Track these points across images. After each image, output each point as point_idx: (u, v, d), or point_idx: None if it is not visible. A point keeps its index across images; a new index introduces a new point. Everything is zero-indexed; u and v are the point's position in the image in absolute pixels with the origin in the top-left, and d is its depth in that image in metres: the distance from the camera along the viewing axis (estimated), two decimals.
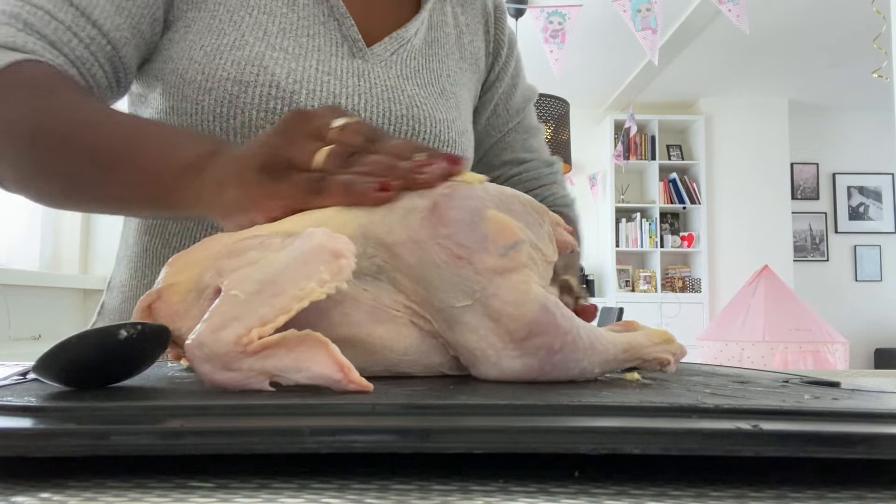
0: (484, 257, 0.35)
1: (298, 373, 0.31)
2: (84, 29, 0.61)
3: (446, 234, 0.36)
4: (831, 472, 0.25)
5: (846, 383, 0.38)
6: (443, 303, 0.36)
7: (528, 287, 0.35)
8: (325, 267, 0.32)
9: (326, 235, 0.33)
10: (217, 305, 0.32)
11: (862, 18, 3.89)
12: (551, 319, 0.35)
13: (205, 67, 0.64)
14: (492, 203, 0.37)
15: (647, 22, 3.31)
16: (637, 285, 5.48)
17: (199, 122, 0.65)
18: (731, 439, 0.22)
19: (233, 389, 0.31)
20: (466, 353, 0.36)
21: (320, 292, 0.32)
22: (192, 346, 0.31)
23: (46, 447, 0.22)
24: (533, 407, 0.26)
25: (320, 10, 0.69)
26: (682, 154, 5.62)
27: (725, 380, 0.38)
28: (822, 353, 4.01)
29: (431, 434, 0.22)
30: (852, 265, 5.83)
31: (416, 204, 0.37)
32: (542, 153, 0.91)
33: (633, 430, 0.23)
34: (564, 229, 0.45)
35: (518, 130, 0.89)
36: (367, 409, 0.25)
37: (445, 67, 0.77)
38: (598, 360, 0.36)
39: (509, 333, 0.35)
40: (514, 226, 0.37)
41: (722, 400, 0.27)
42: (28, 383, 0.33)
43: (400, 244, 0.36)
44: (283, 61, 0.65)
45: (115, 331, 0.30)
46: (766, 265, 4.49)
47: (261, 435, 0.22)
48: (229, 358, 0.30)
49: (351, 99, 0.67)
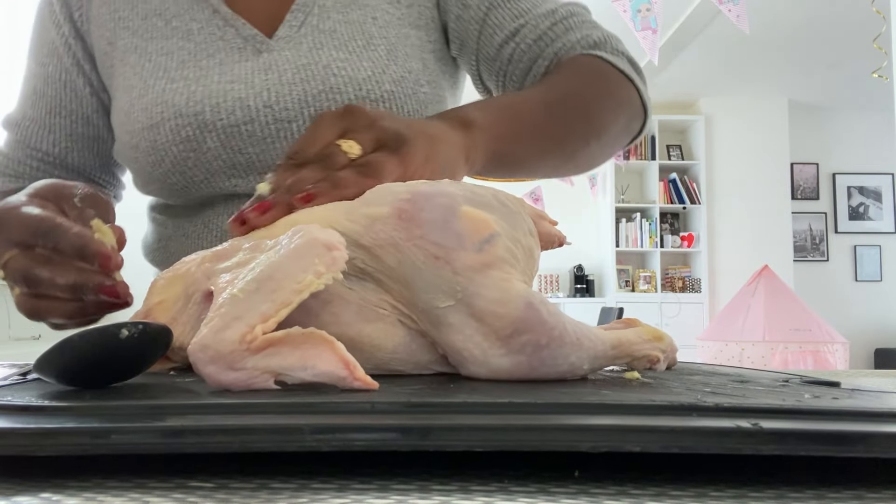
0: (461, 255, 0.35)
1: (304, 370, 0.31)
2: (32, 156, 0.77)
3: (420, 234, 0.35)
4: (831, 471, 0.25)
5: (846, 383, 0.38)
6: (426, 304, 0.36)
7: (510, 284, 0.35)
8: (319, 259, 0.32)
9: (317, 229, 0.34)
10: (216, 307, 0.32)
11: (862, 18, 3.89)
12: (536, 315, 0.34)
13: (125, 127, 0.70)
14: (463, 199, 0.37)
15: (647, 22, 3.31)
16: (637, 285, 5.48)
17: (161, 176, 0.70)
18: (730, 438, 0.22)
19: (238, 390, 0.31)
20: (454, 354, 0.36)
21: (318, 283, 0.32)
22: (195, 349, 0.31)
23: (46, 447, 0.22)
24: (533, 405, 0.26)
25: (215, 24, 0.71)
26: (682, 154, 5.62)
27: (725, 379, 0.38)
28: (822, 353, 4.01)
29: (431, 432, 0.22)
30: (852, 265, 5.83)
31: (379, 211, 0.37)
32: (537, 8, 0.73)
33: (633, 429, 0.23)
34: (549, 222, 0.45)
35: (496, 5, 0.72)
36: (366, 407, 0.25)
37: (370, 10, 0.72)
38: (587, 355, 0.36)
39: (495, 332, 0.34)
40: (488, 219, 0.36)
41: (722, 399, 0.27)
42: (28, 383, 0.33)
43: (378, 247, 0.36)
44: (183, 89, 0.68)
45: (116, 330, 0.30)
46: (766, 265, 4.49)
47: (260, 433, 0.22)
48: (234, 357, 0.30)
49: (259, 97, 0.67)
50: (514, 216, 0.39)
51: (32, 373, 0.31)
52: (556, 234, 0.45)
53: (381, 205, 0.37)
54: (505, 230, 0.37)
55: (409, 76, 0.70)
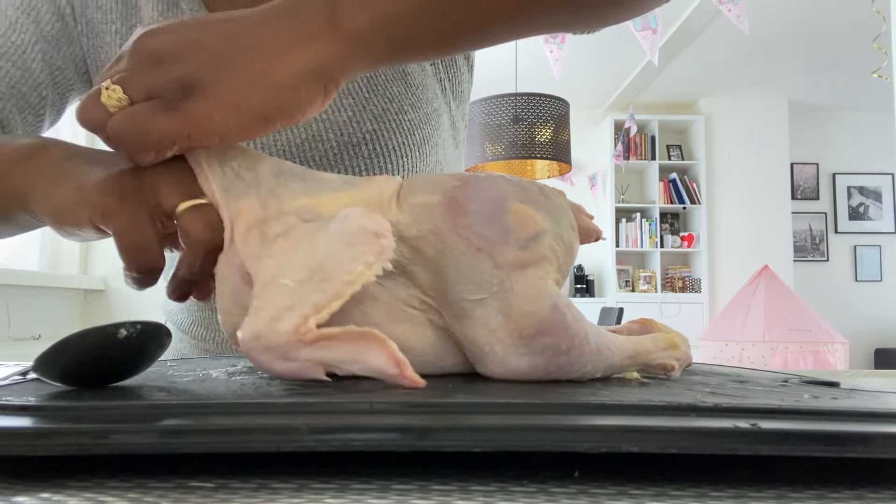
0: (504, 250, 0.35)
1: (354, 364, 0.31)
2: None
3: (466, 224, 0.35)
4: (831, 472, 0.24)
5: (846, 383, 0.38)
6: (456, 295, 0.35)
7: (543, 284, 0.35)
8: (368, 248, 0.32)
9: (363, 216, 0.33)
10: (267, 295, 0.32)
11: (862, 18, 3.89)
12: (561, 319, 0.34)
13: None
14: (512, 193, 0.36)
15: (647, 22, 3.31)
16: (637, 285, 5.48)
17: None
18: (729, 438, 0.22)
19: (290, 379, 0.31)
20: (473, 348, 0.36)
21: (369, 275, 0.32)
22: (247, 337, 0.31)
23: (46, 446, 0.22)
24: (531, 405, 0.26)
25: None
26: (682, 154, 5.61)
27: (724, 379, 0.38)
28: (822, 353, 4.01)
29: (429, 432, 0.22)
30: (852, 265, 5.82)
31: (430, 199, 0.36)
32: None
33: (631, 429, 0.23)
34: (586, 216, 0.45)
35: None
36: (365, 407, 0.25)
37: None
38: (603, 364, 0.36)
39: (519, 330, 0.34)
40: (536, 216, 0.36)
41: (721, 399, 0.27)
42: (28, 383, 0.33)
43: (420, 237, 0.35)
44: None
45: (114, 330, 0.30)
46: (766, 265, 4.49)
47: (258, 433, 0.22)
48: (287, 348, 0.30)
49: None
50: (559, 211, 0.38)
51: (31, 373, 0.31)
52: (593, 228, 0.44)
53: (433, 193, 0.36)
54: (550, 227, 0.37)
55: (390, 106, 0.67)
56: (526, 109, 2.99)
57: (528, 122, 2.98)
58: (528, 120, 2.98)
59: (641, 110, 5.38)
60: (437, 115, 0.73)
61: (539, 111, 3.00)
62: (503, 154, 2.98)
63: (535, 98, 3.01)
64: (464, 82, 0.78)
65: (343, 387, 0.31)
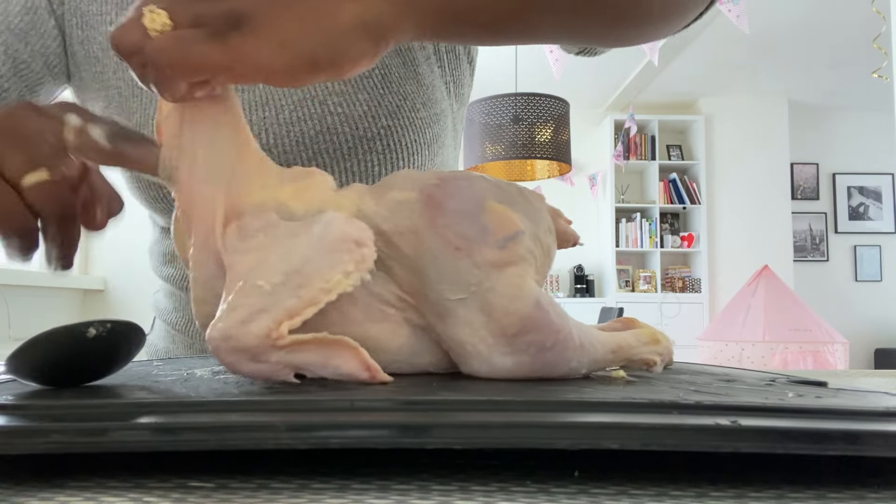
0: (483, 250, 0.35)
1: (325, 369, 0.31)
2: None
3: (444, 223, 0.35)
4: (831, 471, 0.24)
5: (843, 383, 0.38)
6: (437, 295, 0.35)
7: (524, 282, 0.35)
8: (348, 256, 0.32)
9: (347, 222, 0.33)
10: (241, 295, 0.31)
11: (862, 18, 3.89)
12: (544, 316, 0.34)
13: None
14: (490, 193, 0.36)
15: None
16: (637, 285, 5.48)
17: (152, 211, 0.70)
18: (710, 434, 0.22)
19: (258, 379, 0.31)
20: (457, 348, 0.36)
21: (347, 284, 0.31)
22: (216, 336, 0.30)
23: (26, 445, 0.22)
24: (513, 403, 0.26)
25: None
26: (682, 154, 5.61)
27: (712, 378, 0.38)
28: (822, 353, 4.01)
29: (410, 429, 0.22)
30: (852, 265, 5.82)
31: (408, 196, 0.36)
32: None
33: (612, 426, 0.22)
34: (565, 220, 0.45)
35: None
36: (345, 405, 0.25)
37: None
38: (587, 359, 0.36)
39: (502, 329, 0.34)
40: (514, 216, 0.36)
41: (704, 397, 0.27)
42: (7, 383, 0.33)
43: (398, 234, 0.35)
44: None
45: (83, 328, 0.30)
46: (766, 265, 4.48)
47: (235, 431, 0.22)
48: (258, 351, 0.30)
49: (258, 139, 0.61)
50: (537, 213, 0.38)
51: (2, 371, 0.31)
52: (571, 233, 0.44)
53: (410, 189, 0.36)
54: (528, 228, 0.37)
55: (404, 104, 0.67)
56: (526, 109, 2.99)
57: (528, 122, 2.98)
58: (528, 120, 2.98)
59: (641, 110, 5.38)
60: (444, 115, 0.73)
61: (539, 111, 3.00)
62: (503, 154, 2.98)
63: (535, 98, 3.01)
64: (465, 85, 0.79)
65: (326, 384, 0.31)
